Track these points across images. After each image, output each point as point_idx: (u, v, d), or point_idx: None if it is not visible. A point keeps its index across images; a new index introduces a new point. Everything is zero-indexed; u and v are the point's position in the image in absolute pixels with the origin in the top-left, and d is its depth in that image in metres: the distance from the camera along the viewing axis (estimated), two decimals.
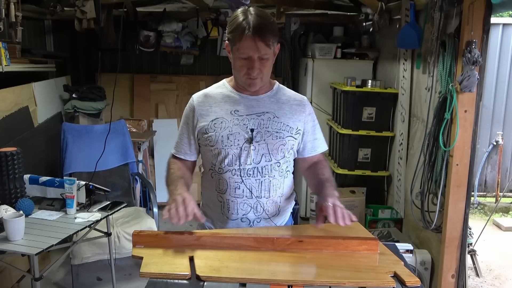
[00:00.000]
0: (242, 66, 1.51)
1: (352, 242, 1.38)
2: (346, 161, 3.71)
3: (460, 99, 2.44)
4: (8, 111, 3.03)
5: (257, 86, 1.57)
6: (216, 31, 4.58)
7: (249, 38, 1.45)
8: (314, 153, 1.70)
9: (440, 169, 2.59)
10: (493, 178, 5.20)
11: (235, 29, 1.49)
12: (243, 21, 1.46)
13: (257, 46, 1.46)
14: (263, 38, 1.45)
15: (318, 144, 1.70)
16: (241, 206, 1.59)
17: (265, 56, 1.49)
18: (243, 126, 1.57)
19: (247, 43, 1.46)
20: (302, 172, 1.77)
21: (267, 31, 1.47)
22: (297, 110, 1.64)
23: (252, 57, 1.48)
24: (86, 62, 4.76)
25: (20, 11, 2.88)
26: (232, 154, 1.56)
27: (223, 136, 1.56)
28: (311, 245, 1.38)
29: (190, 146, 1.66)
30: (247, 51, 1.47)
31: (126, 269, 3.32)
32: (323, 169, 1.67)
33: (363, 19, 4.15)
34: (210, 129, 1.58)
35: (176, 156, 1.69)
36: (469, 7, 2.34)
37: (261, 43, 1.46)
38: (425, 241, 2.94)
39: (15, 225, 2.06)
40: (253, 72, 1.50)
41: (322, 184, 1.58)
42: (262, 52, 1.47)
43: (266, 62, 1.51)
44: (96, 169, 3.03)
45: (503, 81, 5.17)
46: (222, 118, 1.58)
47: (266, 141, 1.57)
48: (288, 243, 1.37)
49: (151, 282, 1.17)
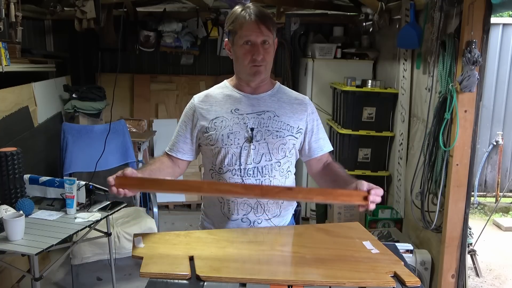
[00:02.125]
0: (246, 54, 1.53)
1: (343, 192, 1.39)
2: (346, 161, 3.71)
3: (460, 99, 2.44)
4: (8, 111, 3.03)
5: (261, 75, 1.57)
6: (216, 31, 4.59)
7: (252, 22, 1.50)
8: (321, 153, 1.68)
9: (440, 169, 2.59)
10: (493, 178, 5.20)
11: (235, 19, 1.53)
12: (242, 11, 1.53)
13: (260, 29, 1.50)
14: (264, 22, 1.51)
15: (324, 143, 1.69)
16: (241, 206, 1.58)
17: (268, 39, 1.52)
18: (243, 125, 1.56)
19: (250, 26, 1.50)
20: (315, 175, 1.74)
21: (267, 18, 1.53)
22: (298, 109, 1.64)
23: (256, 42, 1.51)
24: (86, 62, 4.76)
25: (20, 11, 2.88)
26: (232, 153, 1.56)
27: (223, 135, 1.56)
28: (301, 194, 1.40)
29: (185, 145, 1.65)
30: (250, 34, 1.51)
31: (126, 269, 3.32)
32: (340, 169, 1.65)
33: (363, 19, 4.15)
34: (210, 128, 1.58)
35: (168, 153, 1.67)
36: (469, 7, 2.33)
37: (263, 26, 1.50)
38: (425, 241, 2.94)
39: (15, 225, 2.06)
40: (258, 56, 1.51)
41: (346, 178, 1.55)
42: (265, 35, 1.51)
43: (269, 49, 1.54)
44: (96, 169, 3.03)
45: (503, 81, 5.17)
46: (223, 117, 1.58)
47: (266, 140, 1.56)
48: (277, 191, 1.37)
49: (151, 282, 1.17)
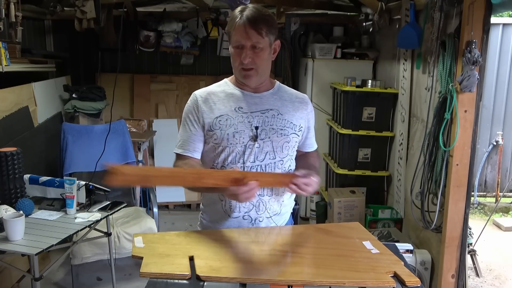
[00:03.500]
0: (235, 56, 1.54)
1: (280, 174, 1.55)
2: (346, 161, 3.71)
3: (460, 99, 2.44)
4: (8, 111, 3.03)
5: (251, 79, 1.56)
6: (216, 31, 4.58)
7: (241, 26, 1.49)
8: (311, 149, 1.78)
9: (440, 169, 2.59)
10: (493, 178, 5.20)
11: (231, 21, 1.53)
12: (238, 13, 1.52)
13: (247, 33, 1.48)
14: (253, 26, 1.48)
15: (313, 141, 1.78)
16: (243, 204, 1.57)
17: (257, 45, 1.50)
18: (248, 123, 1.56)
19: (239, 30, 1.49)
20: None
21: (259, 20, 1.49)
22: (299, 108, 1.65)
23: (244, 45, 1.50)
24: (86, 62, 4.76)
25: (20, 11, 2.88)
26: (236, 152, 1.56)
27: (228, 134, 1.55)
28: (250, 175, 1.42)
29: (200, 143, 1.60)
30: (239, 39, 1.50)
31: (126, 269, 3.32)
32: (312, 158, 1.74)
33: (363, 19, 4.14)
34: (215, 126, 1.56)
35: (183, 154, 1.60)
36: (469, 7, 2.33)
37: (252, 30, 1.48)
38: (425, 241, 2.94)
39: (15, 225, 2.06)
40: (245, 59, 1.50)
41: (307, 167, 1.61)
42: (253, 40, 1.49)
43: (260, 52, 1.51)
44: (96, 169, 3.03)
45: (503, 81, 5.17)
46: (227, 115, 1.57)
47: (271, 138, 1.57)
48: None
49: (151, 282, 1.17)
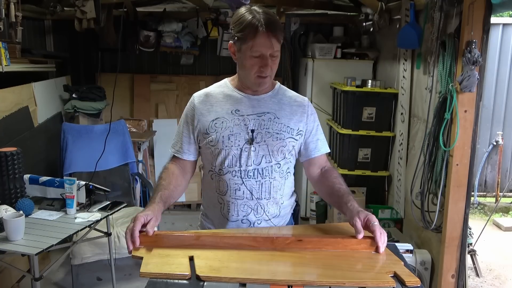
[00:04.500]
0: (253, 65, 1.50)
1: (351, 241, 1.38)
2: (346, 161, 3.71)
3: (460, 99, 2.44)
4: (8, 111, 3.03)
5: (266, 84, 1.58)
6: (216, 31, 4.58)
7: (264, 35, 1.44)
8: (318, 154, 1.67)
9: (440, 169, 2.59)
10: (493, 178, 5.20)
11: (245, 27, 1.46)
12: (253, 19, 1.45)
13: (271, 43, 1.46)
14: (275, 35, 1.46)
15: (321, 144, 1.69)
16: (241, 207, 1.58)
17: (276, 53, 1.49)
18: (244, 126, 1.56)
19: (262, 40, 1.45)
20: (312, 181, 1.74)
21: (277, 28, 1.47)
22: (298, 111, 1.63)
23: (265, 55, 1.47)
24: (86, 62, 4.75)
25: (20, 11, 2.88)
26: (232, 155, 1.55)
27: (224, 137, 1.55)
28: (310, 244, 1.37)
29: (189, 146, 1.64)
30: (261, 49, 1.46)
31: (126, 269, 3.32)
32: (338, 179, 1.64)
33: (363, 19, 4.14)
34: (211, 129, 1.57)
35: (176, 156, 1.65)
36: (469, 7, 2.33)
37: (274, 39, 1.46)
38: (425, 241, 2.94)
39: (15, 225, 2.06)
40: (266, 70, 1.50)
41: (345, 197, 1.53)
42: (275, 48, 1.48)
43: (276, 60, 1.52)
44: (96, 169, 3.03)
45: (503, 81, 5.17)
46: (223, 118, 1.57)
47: (266, 142, 1.56)
48: (288, 242, 1.37)
49: (151, 282, 1.17)
